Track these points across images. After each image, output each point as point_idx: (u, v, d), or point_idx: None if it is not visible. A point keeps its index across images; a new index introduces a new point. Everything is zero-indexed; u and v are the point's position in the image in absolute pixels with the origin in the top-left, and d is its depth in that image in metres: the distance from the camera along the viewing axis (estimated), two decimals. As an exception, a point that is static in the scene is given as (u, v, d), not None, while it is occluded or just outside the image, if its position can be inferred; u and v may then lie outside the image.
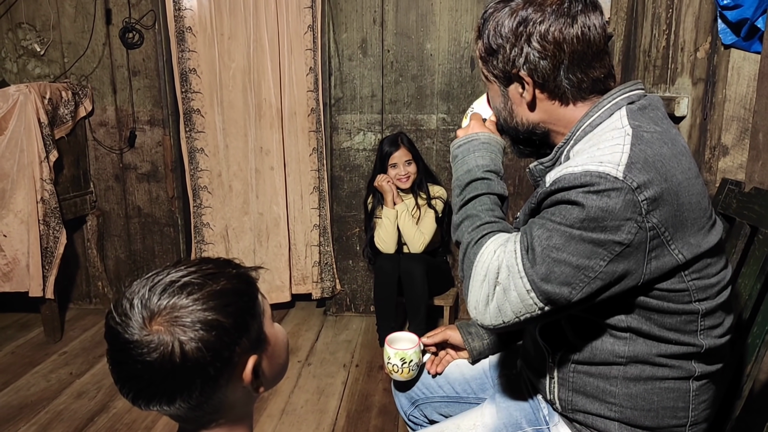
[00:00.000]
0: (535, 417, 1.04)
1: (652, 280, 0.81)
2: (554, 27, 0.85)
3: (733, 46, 1.26)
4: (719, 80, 1.31)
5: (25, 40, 2.93)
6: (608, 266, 0.78)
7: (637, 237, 0.77)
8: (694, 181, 0.83)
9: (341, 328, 2.96)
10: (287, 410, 2.20)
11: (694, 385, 0.90)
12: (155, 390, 0.67)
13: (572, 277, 0.79)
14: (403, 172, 2.57)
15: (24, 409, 2.19)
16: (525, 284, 0.80)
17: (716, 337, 0.89)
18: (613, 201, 0.76)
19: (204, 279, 0.70)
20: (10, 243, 2.60)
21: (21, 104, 2.53)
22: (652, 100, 0.90)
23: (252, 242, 3.06)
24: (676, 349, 0.87)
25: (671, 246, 0.80)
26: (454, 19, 2.72)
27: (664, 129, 0.85)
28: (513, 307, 0.82)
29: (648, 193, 0.77)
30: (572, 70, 0.87)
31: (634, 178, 0.76)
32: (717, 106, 1.32)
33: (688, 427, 0.92)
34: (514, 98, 0.94)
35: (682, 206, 0.80)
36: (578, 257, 0.78)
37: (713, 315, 0.87)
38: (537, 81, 0.89)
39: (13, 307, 3.02)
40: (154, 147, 3.01)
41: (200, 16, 2.82)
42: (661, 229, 0.78)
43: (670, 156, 0.81)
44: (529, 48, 0.86)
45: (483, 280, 0.85)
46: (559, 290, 0.79)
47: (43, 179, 2.61)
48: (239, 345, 0.70)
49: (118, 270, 3.16)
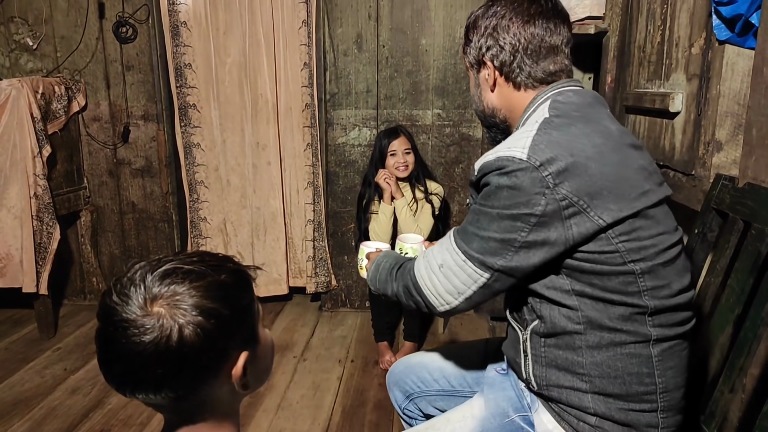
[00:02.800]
0: (521, 405, 1.08)
1: (578, 243, 0.90)
2: (515, 23, 1.03)
3: (727, 41, 1.26)
4: (713, 76, 1.31)
5: (17, 34, 2.91)
6: (529, 236, 0.89)
7: (549, 207, 0.87)
8: (610, 155, 0.92)
9: (336, 323, 2.96)
10: (283, 405, 2.21)
11: (655, 350, 0.95)
12: (144, 374, 0.66)
13: (501, 249, 0.91)
14: (402, 160, 2.49)
15: (18, 405, 2.19)
16: (462, 257, 0.95)
17: (663, 298, 0.94)
18: (520, 180, 0.88)
19: (206, 269, 0.70)
20: (3, 239, 2.59)
21: (13, 99, 2.51)
22: (579, 92, 1.02)
23: (250, 236, 3.06)
24: (623, 310, 0.93)
25: (590, 213, 0.88)
26: (449, 15, 2.72)
27: (583, 114, 0.97)
28: (461, 280, 0.95)
29: (552, 168, 0.87)
30: (525, 60, 1.03)
31: (537, 157, 0.88)
32: (711, 101, 1.32)
33: (659, 394, 0.96)
34: (482, 83, 1.11)
35: (594, 177, 0.88)
36: (502, 232, 0.91)
37: (653, 275, 0.92)
38: (497, 66, 1.06)
39: (6, 303, 3.01)
40: (148, 142, 3.00)
41: (195, 10, 2.81)
42: (574, 198, 0.87)
43: (579, 134, 0.92)
44: (493, 39, 1.05)
45: (429, 277, 1.00)
46: (492, 260, 0.92)
47: (37, 174, 2.59)
48: (234, 338, 0.70)
49: (113, 266, 3.15)
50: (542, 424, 1.03)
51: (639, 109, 1.73)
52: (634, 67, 1.80)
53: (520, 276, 0.94)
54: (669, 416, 0.99)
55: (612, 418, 0.97)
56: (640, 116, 1.74)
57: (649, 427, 0.98)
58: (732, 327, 1.19)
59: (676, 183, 1.49)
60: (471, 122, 2.80)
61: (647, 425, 0.98)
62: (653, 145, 1.63)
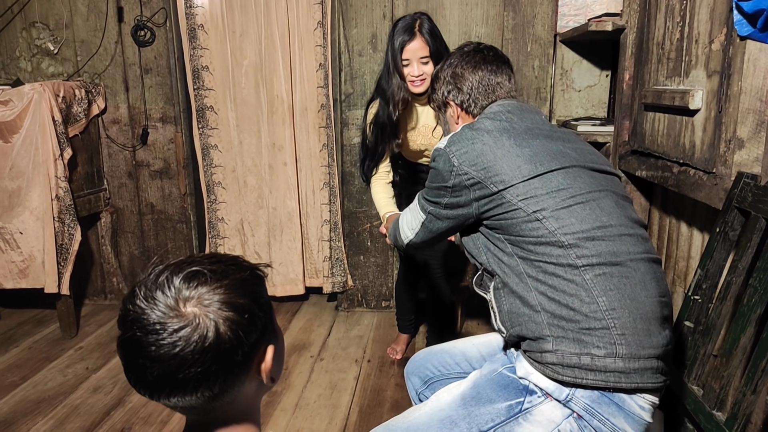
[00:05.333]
0: (509, 360, 1.24)
1: (487, 209, 1.18)
2: (466, 70, 1.37)
3: (749, 37, 1.24)
4: (734, 72, 1.29)
5: (38, 39, 2.96)
6: (450, 200, 1.23)
7: (457, 180, 1.20)
8: (508, 147, 1.18)
9: (353, 323, 2.97)
10: (300, 405, 2.22)
11: (587, 275, 1.08)
12: (182, 376, 0.66)
13: (435, 205, 1.28)
14: (417, 72, 1.96)
15: (41, 403, 2.23)
16: (416, 208, 1.37)
17: (576, 233, 1.10)
18: (440, 163, 1.23)
19: (227, 268, 0.71)
20: (26, 240, 2.64)
21: (35, 103, 2.56)
22: (503, 104, 1.31)
23: (266, 236, 3.08)
24: (547, 251, 1.11)
25: (488, 182, 1.16)
26: (465, 13, 2.71)
27: (492, 120, 1.25)
28: (414, 219, 1.37)
29: (458, 153, 1.20)
30: (477, 96, 1.36)
31: (450, 147, 1.22)
32: (732, 98, 1.30)
33: (604, 311, 1.06)
34: (449, 119, 1.44)
35: (487, 159, 1.17)
36: (434, 197, 1.27)
37: (559, 219, 1.11)
38: (458, 104, 1.39)
39: (29, 303, 3.07)
40: (166, 144, 3.03)
41: (211, 13, 2.83)
42: (474, 173, 1.17)
43: (484, 130, 1.21)
44: (452, 84, 1.39)
45: (403, 218, 1.45)
46: (425, 206, 1.31)
47: (58, 177, 2.64)
48: (262, 332, 0.72)
49: (132, 266, 3.19)
50: (522, 368, 1.14)
51: (658, 107, 1.71)
52: (652, 64, 1.78)
53: (452, 225, 1.27)
54: (626, 334, 1.04)
55: (566, 336, 1.07)
56: (659, 114, 1.72)
57: (604, 343, 1.05)
58: (754, 327, 1.17)
59: (697, 181, 1.47)
60: (487, 121, 2.79)
61: (602, 340, 1.05)
62: (673, 143, 1.61)
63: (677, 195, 1.60)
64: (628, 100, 2.00)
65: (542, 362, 1.09)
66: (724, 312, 1.30)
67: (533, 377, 1.12)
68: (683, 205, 1.79)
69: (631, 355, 1.04)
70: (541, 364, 1.10)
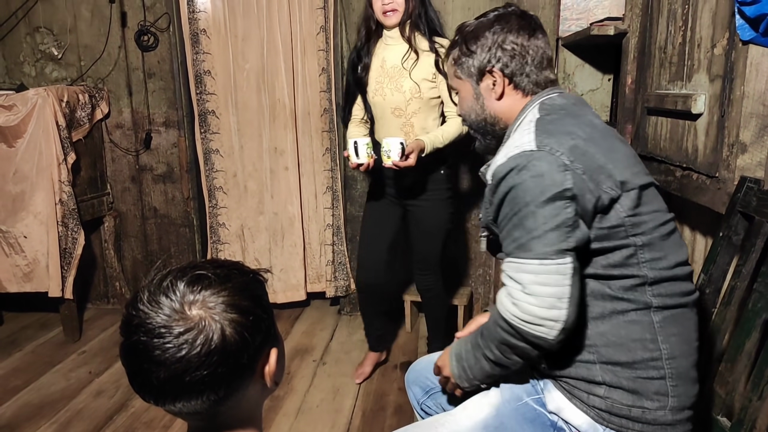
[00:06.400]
0: (534, 389, 1.12)
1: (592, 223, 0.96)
2: (521, 37, 1.12)
3: (751, 42, 1.24)
4: (737, 77, 1.29)
5: (42, 44, 2.98)
6: (575, 209, 0.93)
7: (576, 179, 0.93)
8: (600, 141, 1.00)
9: (356, 327, 2.97)
10: (303, 409, 2.22)
11: (657, 317, 0.98)
12: (188, 379, 0.65)
13: (562, 235, 0.93)
14: (387, 0, 1.88)
15: (44, 407, 2.23)
16: (536, 263, 0.94)
17: (662, 269, 0.99)
18: (539, 166, 0.94)
19: (229, 271, 0.72)
20: (30, 244, 2.65)
21: (39, 107, 2.57)
22: (564, 95, 1.13)
23: (267, 241, 3.08)
24: (626, 282, 0.98)
25: (602, 185, 0.95)
26: (466, 17, 2.69)
27: (569, 111, 1.06)
28: (552, 283, 0.92)
29: (562, 149, 0.95)
30: (532, 69, 1.13)
31: (546, 144, 0.96)
32: (735, 103, 1.30)
33: (664, 360, 0.98)
34: (485, 92, 1.17)
35: (594, 155, 0.96)
36: (551, 220, 0.92)
37: (652, 248, 0.98)
38: (507, 75, 1.14)
39: (33, 306, 3.07)
40: (170, 148, 3.04)
41: (214, 18, 2.84)
42: (589, 172, 0.95)
43: (570, 125, 1.01)
44: (502, 50, 1.13)
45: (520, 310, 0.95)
46: (559, 245, 0.93)
47: (62, 181, 2.65)
48: (266, 334, 0.73)
49: (135, 270, 3.20)
50: (553, 401, 1.06)
51: (660, 111, 1.70)
52: (654, 69, 1.78)
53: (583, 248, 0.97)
54: (679, 384, 1.00)
55: (621, 386, 0.99)
56: (661, 118, 1.72)
57: (658, 395, 0.99)
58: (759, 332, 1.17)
59: (700, 185, 1.46)
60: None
61: (656, 393, 0.99)
62: (676, 147, 1.61)
63: (680, 199, 1.59)
64: (630, 104, 2.00)
65: (587, 404, 1.01)
66: (728, 317, 1.29)
67: (566, 413, 1.03)
68: (686, 210, 1.79)
69: (679, 406, 1.00)
70: (585, 405, 1.02)
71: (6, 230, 2.64)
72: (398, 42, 2.00)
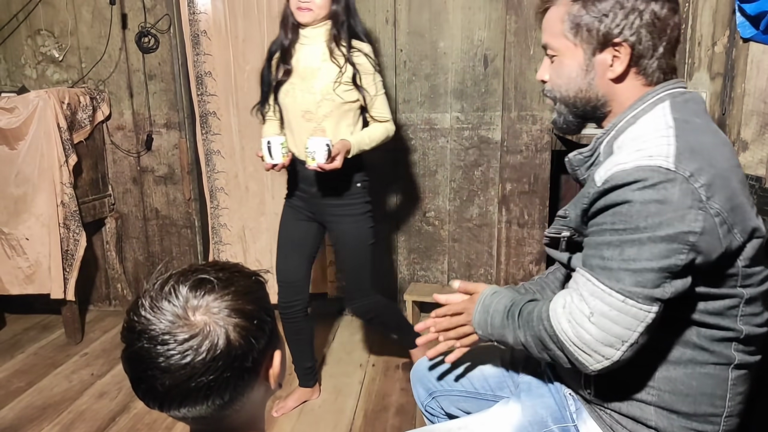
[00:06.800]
0: (561, 415, 1.03)
1: (708, 268, 0.82)
2: (664, 10, 0.88)
3: (752, 39, 1.24)
4: (738, 74, 1.29)
5: (44, 46, 2.98)
6: (688, 258, 0.79)
7: (706, 223, 0.78)
8: (737, 170, 0.85)
9: (357, 327, 2.97)
10: (305, 410, 2.21)
11: (734, 374, 0.90)
12: (193, 385, 0.65)
13: (661, 279, 0.79)
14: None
15: (47, 409, 2.23)
16: (619, 297, 0.81)
17: (756, 326, 0.89)
18: (669, 192, 0.77)
19: (231, 275, 0.71)
20: (32, 246, 2.65)
21: (41, 110, 2.57)
22: (693, 95, 0.92)
23: (269, 242, 3.08)
24: (716, 333, 0.88)
25: (734, 229, 0.81)
26: (467, 17, 2.71)
27: (705, 121, 0.88)
28: (623, 325, 0.81)
29: (702, 180, 0.78)
30: (665, 52, 0.90)
31: (686, 167, 0.78)
32: (736, 100, 1.30)
33: (723, 417, 0.91)
34: (598, 68, 0.93)
35: (734, 190, 0.81)
36: (657, 260, 0.79)
37: (754, 302, 0.88)
38: (635, 54, 0.90)
39: (35, 308, 3.08)
40: (171, 150, 3.04)
41: (215, 19, 2.85)
42: (724, 214, 0.79)
43: (712, 145, 0.83)
44: (641, 21, 0.88)
45: (576, 332, 0.85)
46: (655, 292, 0.80)
47: (63, 183, 2.65)
48: (269, 337, 0.72)
49: (137, 272, 3.20)
50: None
51: (661, 109, 1.70)
52: (655, 67, 1.77)
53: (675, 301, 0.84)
54: None
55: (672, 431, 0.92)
56: (662, 116, 1.71)
57: None
58: (761, 330, 1.16)
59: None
60: (490, 125, 2.79)
61: None
62: (676, 146, 1.61)
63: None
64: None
65: None
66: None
67: None
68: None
69: None
70: None
71: (8, 232, 2.65)
72: (313, 42, 1.92)
